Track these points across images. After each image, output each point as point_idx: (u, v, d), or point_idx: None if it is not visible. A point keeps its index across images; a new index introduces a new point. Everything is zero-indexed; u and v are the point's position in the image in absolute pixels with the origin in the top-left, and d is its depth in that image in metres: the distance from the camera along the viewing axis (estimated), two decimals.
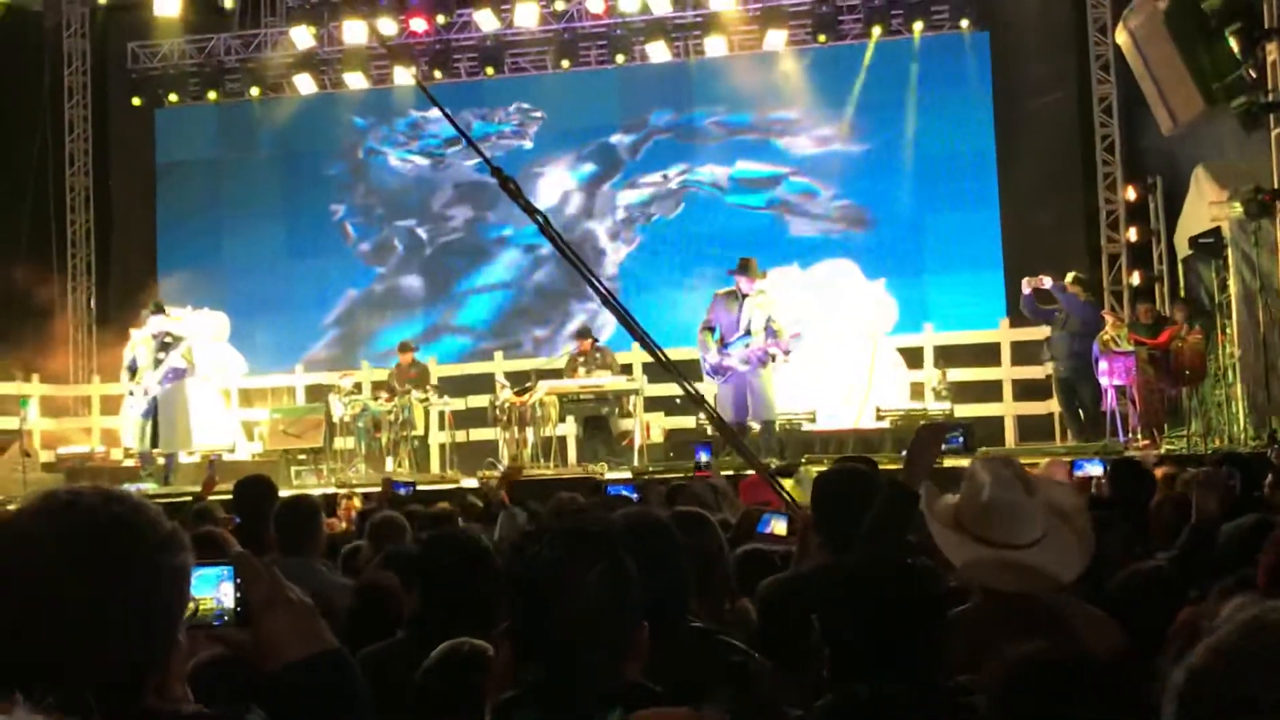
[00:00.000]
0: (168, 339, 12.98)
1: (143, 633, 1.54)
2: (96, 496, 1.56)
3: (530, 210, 3.49)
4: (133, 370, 13.12)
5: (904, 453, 3.95)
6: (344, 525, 8.04)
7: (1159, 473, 6.49)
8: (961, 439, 11.97)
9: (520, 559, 2.04)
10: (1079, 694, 2.00)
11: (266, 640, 1.70)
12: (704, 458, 8.31)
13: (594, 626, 2.00)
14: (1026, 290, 13.02)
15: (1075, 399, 13.21)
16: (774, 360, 12.20)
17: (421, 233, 18.19)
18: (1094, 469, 6.47)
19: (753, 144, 17.29)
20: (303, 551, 4.98)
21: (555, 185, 17.83)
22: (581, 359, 13.64)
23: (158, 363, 12.82)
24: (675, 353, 12.95)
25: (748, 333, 12.08)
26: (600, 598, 2.00)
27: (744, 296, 12.17)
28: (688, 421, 14.26)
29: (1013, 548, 3.09)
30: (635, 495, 7.23)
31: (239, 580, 1.75)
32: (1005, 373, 14.99)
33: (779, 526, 5.18)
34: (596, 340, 13.91)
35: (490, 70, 17.81)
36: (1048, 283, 12.90)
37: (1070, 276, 13.12)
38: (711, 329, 12.25)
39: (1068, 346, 13.05)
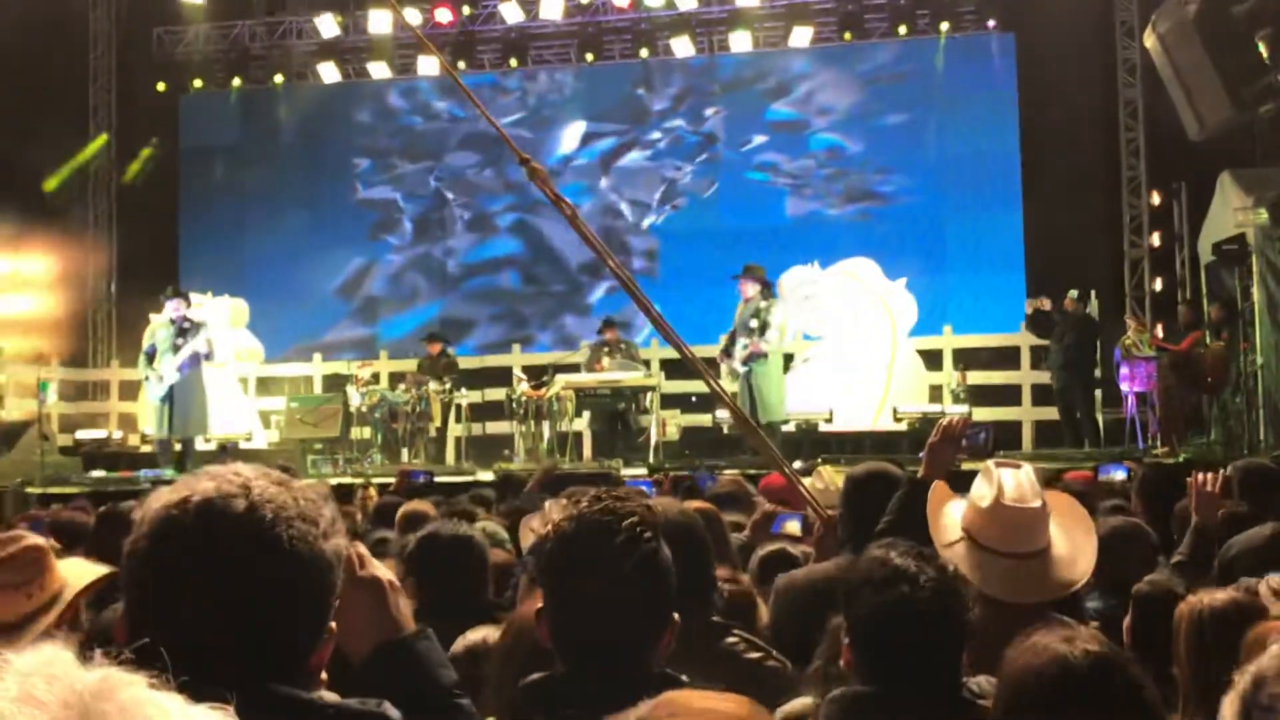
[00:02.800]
0: (186, 324, 12.97)
1: (307, 620, 1.50)
2: (265, 480, 1.50)
3: (558, 200, 3.47)
4: (150, 355, 13.13)
5: (923, 453, 3.92)
6: (360, 516, 8.01)
7: None
8: (983, 437, 11.95)
9: (558, 544, 2.02)
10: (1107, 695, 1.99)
11: (345, 622, 1.65)
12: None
13: (630, 615, 1.99)
14: (1029, 311, 13.51)
15: (1073, 409, 13.49)
16: (760, 359, 12.40)
17: (447, 193, 18.31)
18: (1118, 474, 6.44)
19: (781, 116, 17.49)
20: None
21: (579, 154, 18.02)
22: (606, 349, 13.67)
23: (176, 349, 12.81)
24: (699, 349, 12.98)
25: (748, 334, 12.46)
26: (638, 587, 1.98)
27: (746, 301, 12.61)
28: (704, 419, 14.23)
29: (1021, 557, 3.04)
30: (651, 489, 7.23)
31: None
32: (1024, 377, 14.91)
33: (792, 527, 5.17)
34: (621, 331, 14.04)
35: (514, 62, 17.82)
36: (1048, 304, 13.31)
37: (1070, 294, 13.41)
38: (732, 333, 12.62)
39: (1064, 358, 13.35)
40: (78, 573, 2.93)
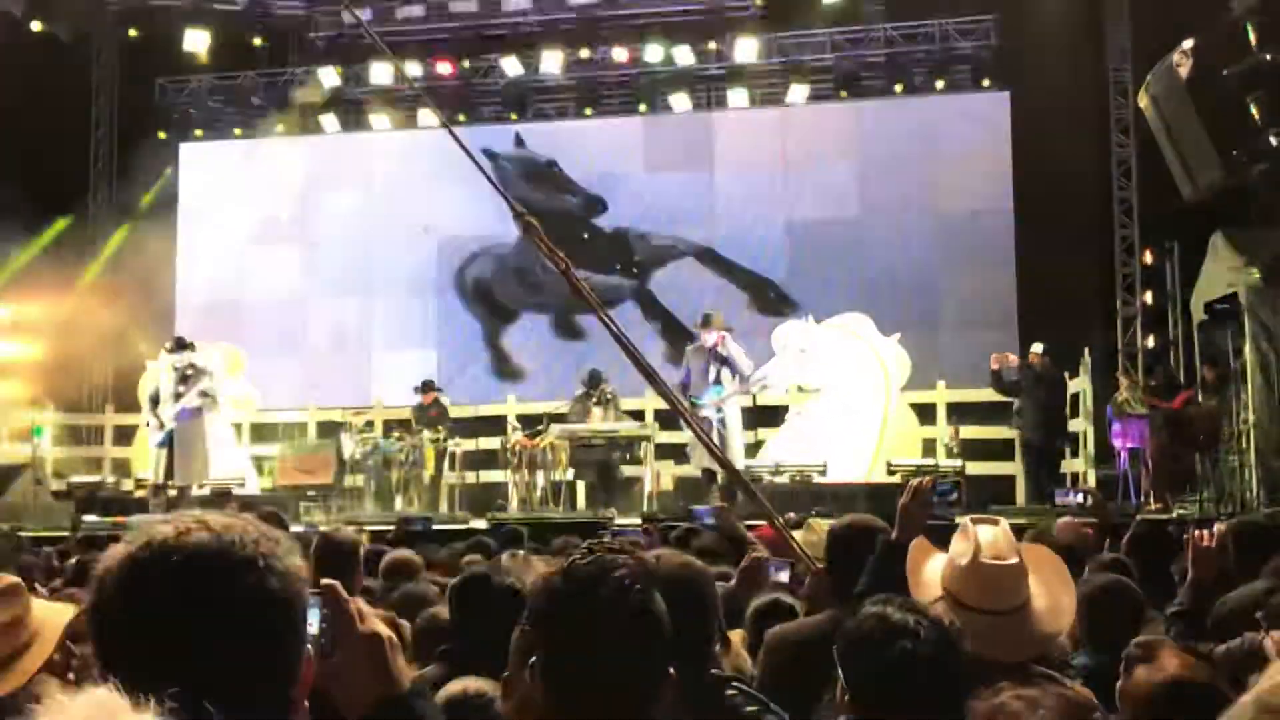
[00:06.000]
0: (189, 372, 13.02)
1: (281, 641, 1.49)
2: (219, 515, 1.50)
3: (552, 253, 3.51)
4: (155, 400, 13.17)
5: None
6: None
7: None
8: (954, 494, 11.91)
9: (545, 596, 2.01)
10: None
11: (340, 675, 1.65)
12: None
13: (620, 668, 1.96)
14: (995, 367, 13.61)
15: (1039, 461, 13.70)
16: (744, 397, 12.86)
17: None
18: (1073, 497, 6.51)
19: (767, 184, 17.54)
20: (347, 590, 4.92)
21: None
22: (594, 400, 13.73)
23: (177, 396, 12.85)
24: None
25: (718, 382, 12.64)
26: (627, 639, 1.95)
27: (710, 349, 12.76)
28: (698, 470, 14.20)
29: (1000, 614, 3.04)
30: (643, 538, 7.23)
31: (325, 610, 1.69)
32: (1017, 432, 14.92)
33: (779, 576, 5.18)
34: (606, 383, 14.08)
35: (514, 115, 17.97)
36: (1015, 360, 13.55)
37: (1034, 349, 13.63)
38: (685, 385, 12.74)
39: (1034, 414, 13.53)
40: (49, 610, 2.91)
